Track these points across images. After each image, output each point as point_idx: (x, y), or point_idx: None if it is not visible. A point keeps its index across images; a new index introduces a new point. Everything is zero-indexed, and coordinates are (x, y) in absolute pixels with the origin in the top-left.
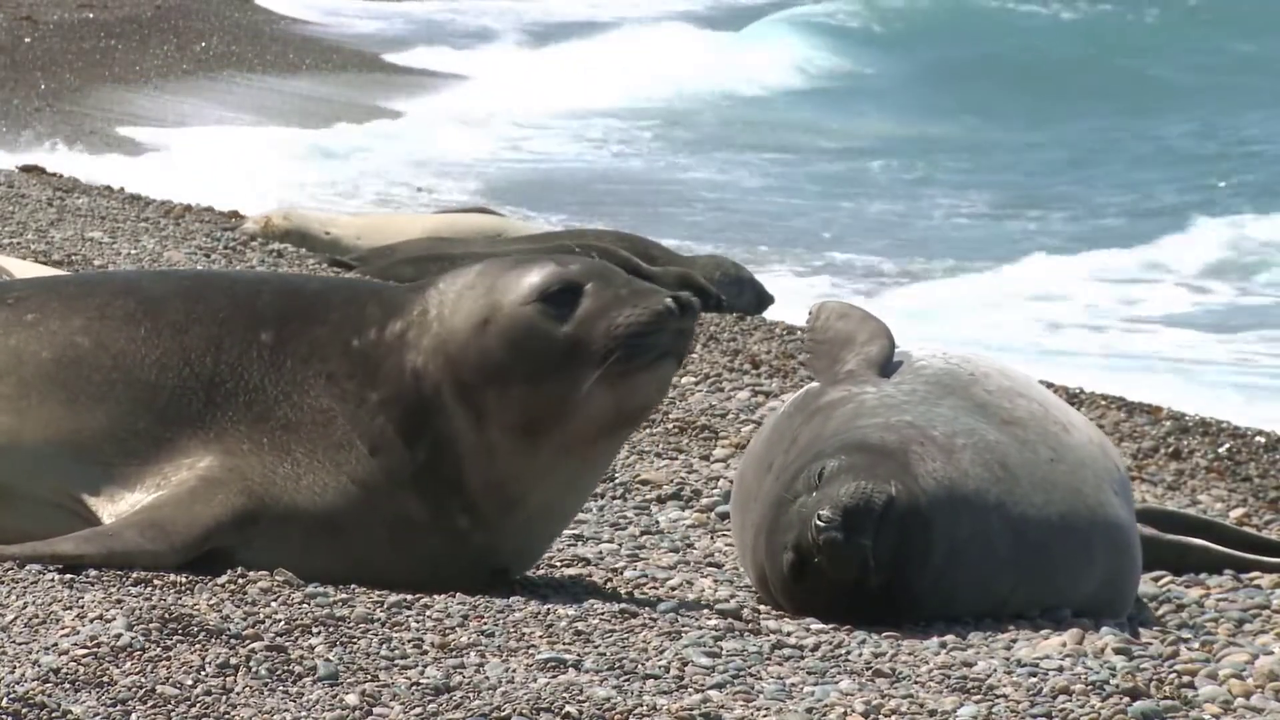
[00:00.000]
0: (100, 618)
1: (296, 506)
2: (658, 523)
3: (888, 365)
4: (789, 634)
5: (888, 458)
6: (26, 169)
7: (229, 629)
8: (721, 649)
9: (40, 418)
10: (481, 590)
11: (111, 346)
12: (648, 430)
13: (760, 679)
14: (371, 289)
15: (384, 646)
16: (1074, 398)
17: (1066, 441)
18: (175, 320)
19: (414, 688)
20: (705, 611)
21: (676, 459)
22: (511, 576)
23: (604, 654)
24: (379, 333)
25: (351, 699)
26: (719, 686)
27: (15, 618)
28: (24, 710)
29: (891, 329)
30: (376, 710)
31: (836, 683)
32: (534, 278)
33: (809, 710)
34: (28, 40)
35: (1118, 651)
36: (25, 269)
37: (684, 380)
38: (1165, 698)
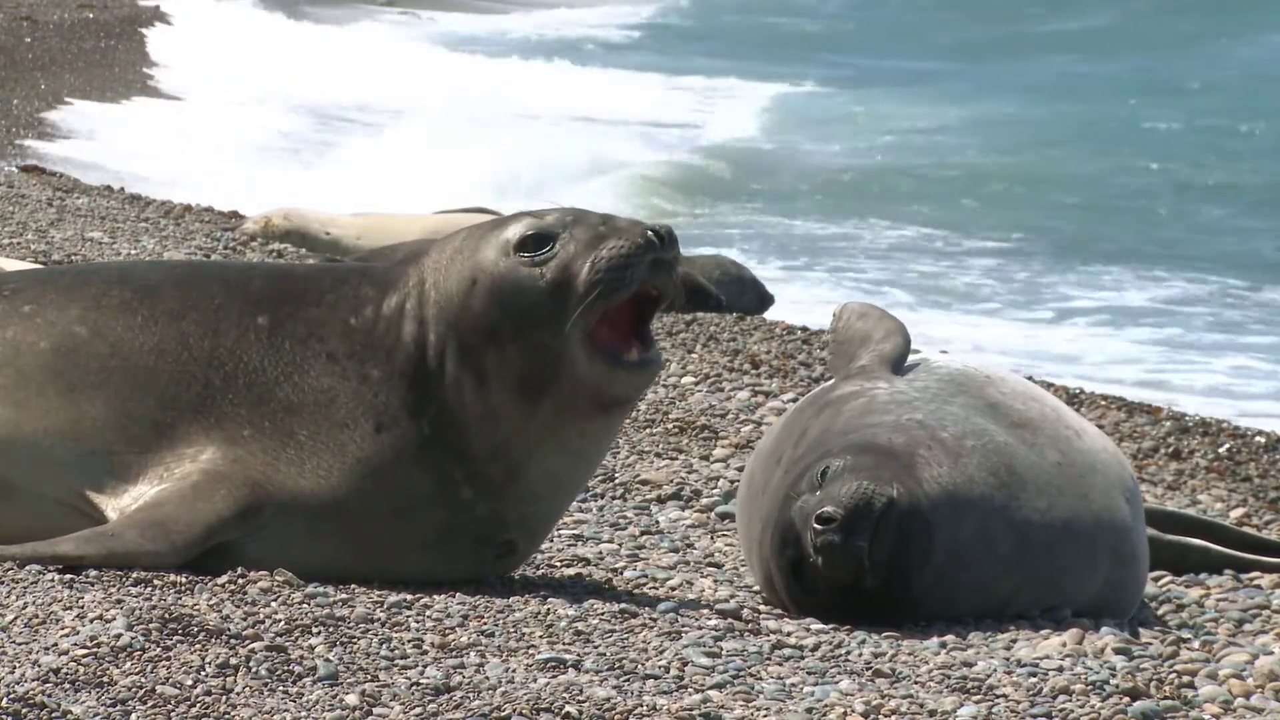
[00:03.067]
0: (100, 618)
1: (301, 491)
2: (658, 523)
3: (902, 362)
4: (789, 634)
5: (893, 459)
6: (26, 169)
7: (229, 629)
8: (721, 649)
9: (40, 409)
10: (482, 590)
11: (109, 335)
12: (648, 430)
13: (760, 679)
14: (359, 270)
15: (384, 646)
16: (1074, 398)
17: (1077, 446)
18: (171, 307)
19: (414, 688)
20: (705, 611)
21: (676, 459)
22: (519, 555)
23: (604, 654)
24: (376, 310)
25: (351, 699)
26: (719, 686)
27: (15, 618)
28: (24, 710)
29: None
30: (376, 710)
31: (836, 683)
32: (509, 232)
33: (809, 710)
34: (28, 40)
35: (1118, 651)
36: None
37: (684, 380)
38: (1165, 698)
